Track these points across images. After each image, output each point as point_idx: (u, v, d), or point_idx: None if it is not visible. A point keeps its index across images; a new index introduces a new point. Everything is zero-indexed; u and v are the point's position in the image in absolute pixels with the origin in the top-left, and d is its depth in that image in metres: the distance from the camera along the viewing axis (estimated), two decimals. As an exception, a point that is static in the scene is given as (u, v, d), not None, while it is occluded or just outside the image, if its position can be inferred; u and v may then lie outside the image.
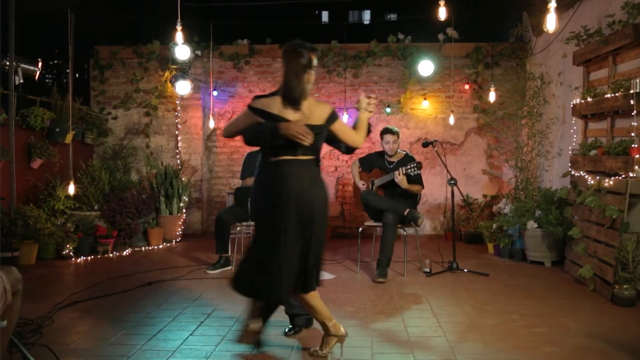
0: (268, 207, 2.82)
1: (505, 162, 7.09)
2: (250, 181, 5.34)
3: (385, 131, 5.20)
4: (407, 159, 5.16)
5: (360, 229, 5.33)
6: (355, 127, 3.00)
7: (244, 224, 5.32)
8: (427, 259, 5.24)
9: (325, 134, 2.92)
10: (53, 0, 6.45)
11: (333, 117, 2.90)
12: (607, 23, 4.64)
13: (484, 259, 5.71)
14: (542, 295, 4.23)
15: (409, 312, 3.78)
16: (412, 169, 4.98)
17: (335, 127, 2.91)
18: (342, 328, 2.95)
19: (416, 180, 5.09)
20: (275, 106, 2.83)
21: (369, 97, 3.02)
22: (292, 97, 2.80)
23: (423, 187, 5.22)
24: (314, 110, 2.85)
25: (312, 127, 2.81)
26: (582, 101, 4.96)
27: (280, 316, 3.33)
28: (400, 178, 4.95)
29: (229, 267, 5.22)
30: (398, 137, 5.20)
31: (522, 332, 3.34)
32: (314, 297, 2.90)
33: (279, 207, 2.78)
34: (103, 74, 7.59)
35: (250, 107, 2.89)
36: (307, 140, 2.76)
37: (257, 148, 5.56)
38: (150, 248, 6.51)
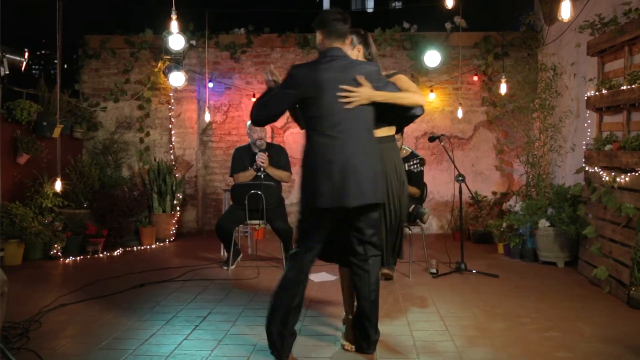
0: None
1: (516, 157, 7.00)
2: (241, 177, 5.14)
3: None
4: (412, 157, 5.09)
5: (363, 228, 5.18)
6: None
7: (241, 225, 5.31)
8: (434, 260, 5.15)
9: None
10: (40, -13, 6.32)
11: None
12: (623, 11, 4.54)
13: (493, 260, 5.68)
14: (555, 297, 4.16)
15: (415, 315, 3.73)
16: (415, 166, 4.94)
17: None
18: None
19: (416, 179, 4.99)
20: None
21: None
22: None
23: (420, 190, 5.12)
24: None
25: None
26: (597, 93, 4.89)
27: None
28: None
29: (240, 255, 5.44)
30: (402, 134, 5.08)
31: (533, 336, 3.28)
32: None
33: None
34: (93, 64, 7.40)
35: None
36: None
37: (247, 142, 5.48)
38: (142, 248, 6.40)
